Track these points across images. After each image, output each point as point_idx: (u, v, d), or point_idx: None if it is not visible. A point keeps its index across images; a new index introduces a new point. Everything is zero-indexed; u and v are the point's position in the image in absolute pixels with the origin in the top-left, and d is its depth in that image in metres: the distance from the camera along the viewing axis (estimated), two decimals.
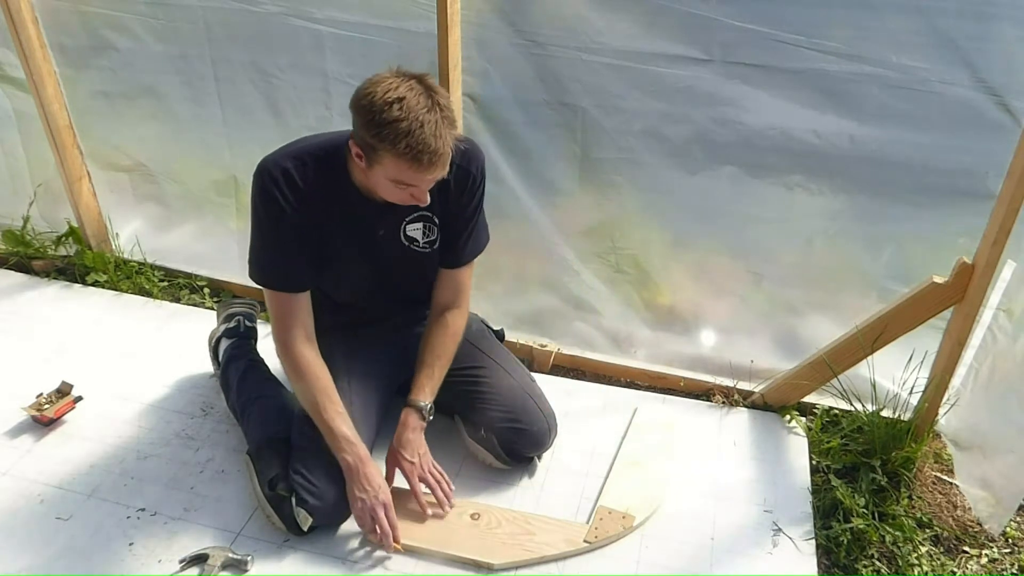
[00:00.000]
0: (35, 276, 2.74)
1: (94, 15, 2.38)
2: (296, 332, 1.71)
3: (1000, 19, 1.65)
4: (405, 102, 1.42)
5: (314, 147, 1.66)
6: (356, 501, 1.67)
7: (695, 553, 1.74)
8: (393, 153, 1.45)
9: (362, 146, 1.50)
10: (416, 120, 1.42)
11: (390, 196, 1.59)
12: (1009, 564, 1.79)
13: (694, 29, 1.85)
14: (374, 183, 1.58)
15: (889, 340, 1.93)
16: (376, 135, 1.45)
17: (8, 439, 2.00)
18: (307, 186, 1.62)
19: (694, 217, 2.11)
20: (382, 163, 1.49)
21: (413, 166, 1.46)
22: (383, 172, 1.51)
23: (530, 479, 1.92)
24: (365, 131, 1.47)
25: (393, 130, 1.42)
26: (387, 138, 1.43)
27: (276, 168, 1.61)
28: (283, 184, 1.61)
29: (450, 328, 1.85)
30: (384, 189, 1.57)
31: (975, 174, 1.81)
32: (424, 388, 1.81)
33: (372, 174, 1.54)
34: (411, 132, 1.42)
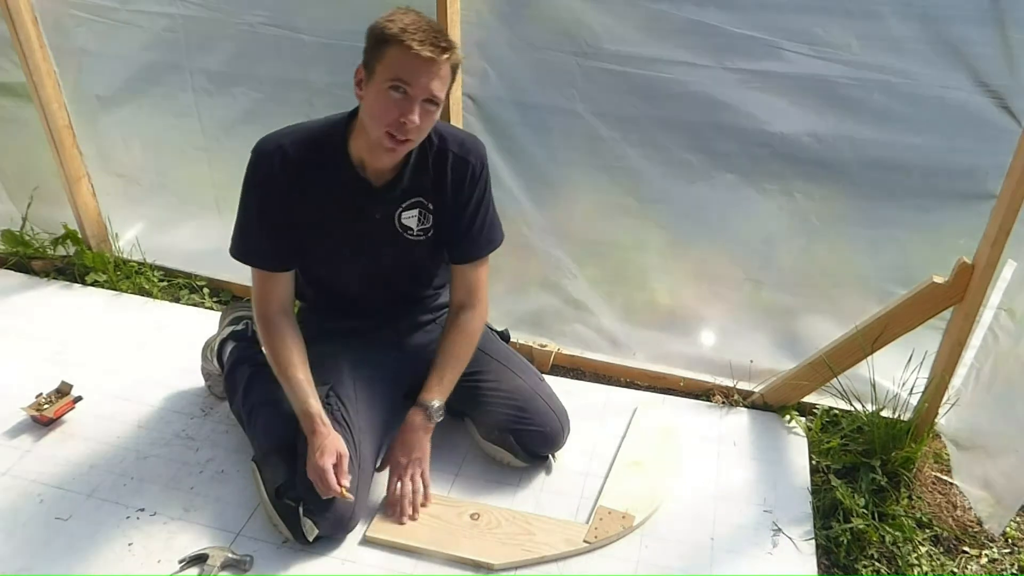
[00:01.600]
0: (35, 276, 2.74)
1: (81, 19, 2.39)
2: (274, 305, 1.76)
3: (1001, 22, 1.65)
4: (408, 13, 1.53)
5: (313, 128, 1.69)
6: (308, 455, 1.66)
7: (695, 553, 1.74)
8: (395, 40, 1.49)
9: (367, 60, 1.54)
10: (419, 19, 1.52)
11: (382, 115, 1.54)
12: (1009, 564, 1.79)
13: (693, 35, 1.85)
14: (370, 103, 1.56)
15: (889, 340, 1.93)
16: (382, 30, 1.50)
17: (8, 439, 2.00)
18: (303, 165, 1.64)
19: (693, 219, 2.11)
20: (383, 61, 1.51)
21: (411, 50, 1.48)
22: (383, 72, 1.51)
23: (530, 479, 1.92)
24: (372, 37, 1.53)
25: (398, 21, 1.50)
26: (391, 27, 1.49)
27: (271, 145, 1.65)
28: (277, 162, 1.64)
29: (464, 329, 1.84)
30: (379, 104, 1.54)
31: (975, 175, 1.81)
32: (433, 389, 1.81)
33: (371, 90, 1.54)
34: (415, 20, 1.51)
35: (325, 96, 2.24)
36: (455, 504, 1.82)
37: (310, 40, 2.17)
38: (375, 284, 1.87)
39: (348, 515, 1.70)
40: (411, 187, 1.72)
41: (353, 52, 2.12)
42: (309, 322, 1.87)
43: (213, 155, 2.50)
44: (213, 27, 2.26)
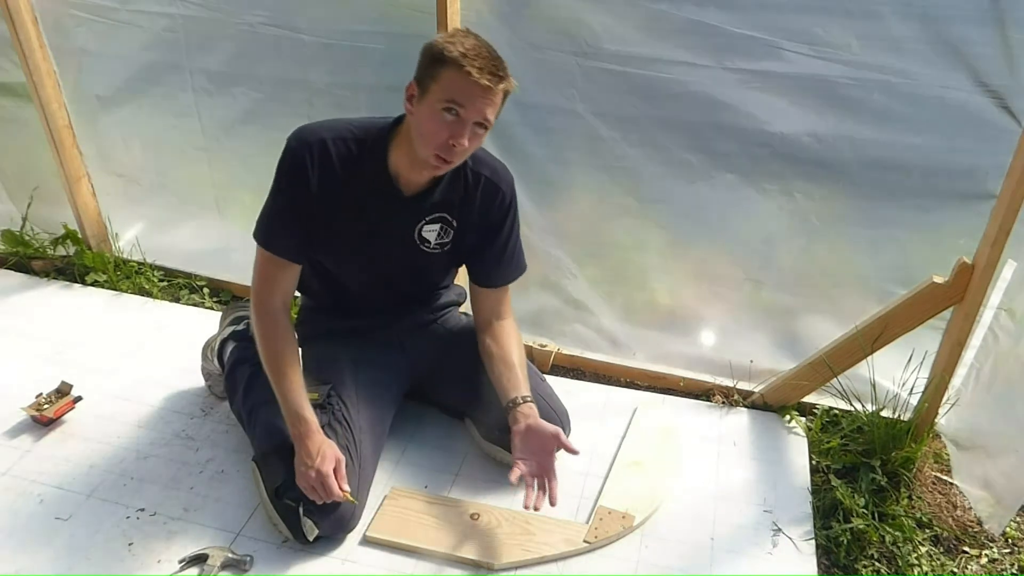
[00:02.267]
0: (35, 276, 2.74)
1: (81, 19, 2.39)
2: (276, 297, 1.73)
3: (1001, 22, 1.65)
4: (468, 34, 1.55)
5: (356, 128, 1.67)
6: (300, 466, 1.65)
7: (695, 553, 1.74)
8: (454, 63, 1.49)
9: (421, 77, 1.55)
10: (479, 44, 1.53)
11: (433, 135, 1.55)
12: (1009, 564, 1.79)
13: (693, 35, 1.85)
14: (420, 120, 1.56)
15: (889, 340, 1.93)
16: (441, 50, 1.50)
17: (8, 439, 2.00)
18: (339, 163, 1.64)
19: (693, 219, 2.11)
20: (439, 80, 1.51)
21: (470, 76, 1.49)
22: (438, 93, 1.52)
23: None
24: (429, 55, 1.53)
25: (457, 45, 1.50)
26: (451, 50, 1.50)
27: (313, 136, 1.64)
28: (316, 154, 1.63)
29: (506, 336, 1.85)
30: (430, 123, 1.55)
31: (975, 175, 1.81)
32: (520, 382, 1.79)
33: (423, 108, 1.54)
34: (475, 46, 1.52)
35: (325, 96, 2.24)
36: (455, 504, 1.82)
37: (310, 40, 2.17)
38: (380, 284, 1.88)
39: (349, 515, 1.70)
40: (440, 201, 1.73)
41: (353, 52, 2.15)
42: (310, 320, 1.87)
43: (213, 155, 2.50)
44: (213, 27, 2.26)
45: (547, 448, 1.73)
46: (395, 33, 2.08)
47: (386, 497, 1.82)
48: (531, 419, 1.73)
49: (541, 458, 1.73)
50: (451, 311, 2.05)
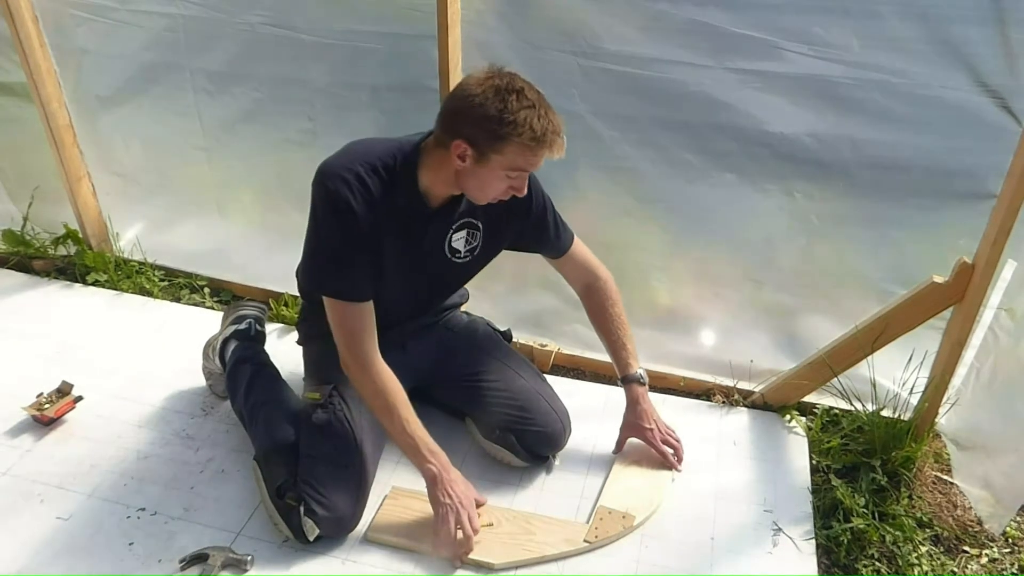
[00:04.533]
0: (35, 276, 2.74)
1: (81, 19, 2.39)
2: (371, 345, 1.66)
3: (1001, 22, 1.65)
4: (525, 92, 1.51)
5: (382, 154, 1.62)
6: (440, 507, 1.65)
7: (695, 553, 1.75)
8: (520, 139, 1.49)
9: (478, 140, 1.51)
10: (540, 106, 1.51)
11: (491, 190, 1.60)
12: (1009, 564, 1.79)
13: (693, 35, 1.85)
14: (480, 178, 1.57)
15: (889, 340, 1.93)
16: (504, 124, 1.48)
17: (8, 439, 2.01)
18: (379, 195, 1.59)
19: (693, 219, 2.11)
20: (503, 153, 1.51)
21: (537, 149, 1.52)
22: (501, 163, 1.53)
23: (530, 479, 1.92)
24: (491, 122, 1.49)
25: (524, 116, 1.48)
26: (516, 125, 1.48)
27: (349, 173, 1.58)
28: (357, 190, 1.57)
29: (607, 296, 1.93)
30: (491, 182, 1.57)
31: (975, 175, 1.81)
32: (629, 362, 1.92)
33: (481, 169, 1.54)
34: (540, 117, 1.50)
35: (325, 96, 2.24)
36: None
37: (310, 40, 2.17)
38: (407, 299, 1.84)
39: (349, 515, 1.71)
40: (465, 208, 1.73)
41: (353, 52, 2.15)
42: (315, 320, 1.87)
43: (213, 155, 2.50)
44: (213, 27, 2.26)
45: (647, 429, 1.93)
46: (395, 33, 2.08)
47: (386, 497, 1.82)
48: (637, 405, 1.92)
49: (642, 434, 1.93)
50: (453, 312, 2.05)
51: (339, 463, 1.72)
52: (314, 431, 1.75)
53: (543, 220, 1.84)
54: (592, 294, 1.95)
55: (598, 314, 1.94)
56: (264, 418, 1.89)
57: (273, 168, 2.44)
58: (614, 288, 1.95)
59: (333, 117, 2.27)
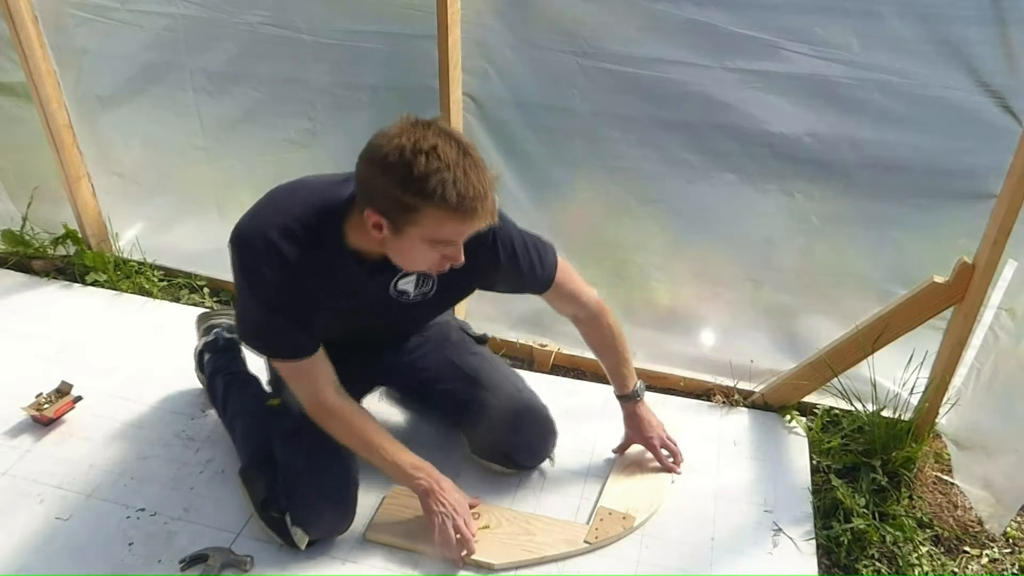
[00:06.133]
0: (35, 276, 2.74)
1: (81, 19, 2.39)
2: (329, 390, 1.59)
3: (1001, 22, 1.65)
4: (438, 150, 1.29)
5: (301, 213, 1.45)
6: (435, 516, 1.64)
7: (695, 553, 1.74)
8: (436, 208, 1.30)
9: (389, 210, 1.33)
10: (457, 166, 1.29)
11: (420, 262, 1.44)
12: (1010, 564, 1.79)
13: (693, 34, 1.85)
14: (402, 250, 1.42)
15: (889, 340, 1.93)
16: (414, 191, 1.29)
17: (8, 439, 2.00)
18: (296, 260, 1.44)
19: (693, 219, 2.11)
20: (420, 223, 1.33)
21: (459, 217, 1.32)
22: (419, 234, 1.35)
23: (530, 480, 1.92)
24: (398, 190, 1.30)
25: (435, 181, 1.28)
26: (429, 192, 1.28)
27: (259, 238, 1.43)
28: (270, 258, 1.43)
29: (599, 326, 1.81)
30: (415, 255, 1.41)
31: (975, 175, 1.81)
32: (623, 382, 1.88)
33: (400, 241, 1.38)
34: (456, 180, 1.29)
35: (325, 96, 2.24)
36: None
37: (310, 40, 2.17)
38: (361, 335, 1.76)
39: (338, 518, 1.71)
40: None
41: (353, 52, 2.15)
42: None
43: (213, 155, 2.50)
44: (213, 27, 2.26)
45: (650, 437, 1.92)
46: (395, 33, 2.08)
47: (386, 497, 1.82)
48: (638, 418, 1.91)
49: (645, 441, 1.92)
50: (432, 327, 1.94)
51: (317, 469, 1.68)
52: (287, 442, 1.71)
53: (514, 268, 1.65)
54: (581, 324, 1.84)
55: (592, 342, 1.87)
56: (240, 431, 1.88)
57: (273, 168, 2.44)
58: (607, 316, 1.82)
59: (333, 117, 2.27)
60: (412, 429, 2.06)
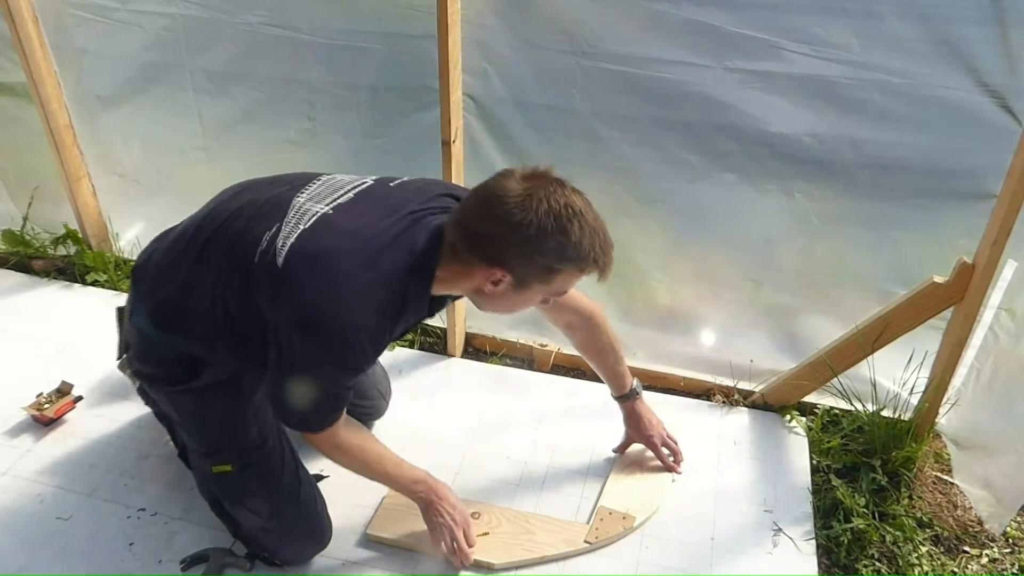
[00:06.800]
0: (35, 276, 2.74)
1: (81, 19, 2.39)
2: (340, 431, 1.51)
3: (1001, 22, 1.65)
4: (582, 214, 1.31)
5: (395, 282, 1.37)
6: (434, 527, 1.64)
7: (695, 553, 1.75)
8: (577, 270, 1.35)
9: (524, 271, 1.33)
10: (598, 232, 1.34)
11: (521, 309, 1.48)
12: (1010, 564, 1.79)
13: (693, 34, 1.85)
14: (511, 303, 1.43)
15: (889, 340, 1.93)
16: (564, 260, 1.32)
17: (8, 439, 2.00)
18: (393, 331, 1.42)
19: (693, 219, 2.10)
20: (551, 283, 1.37)
21: (595, 275, 1.38)
22: (544, 290, 1.39)
23: (531, 479, 1.93)
24: (546, 258, 1.31)
25: (586, 247, 1.31)
26: (579, 259, 1.32)
27: (364, 333, 1.35)
28: (371, 350, 1.39)
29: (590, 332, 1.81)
30: (523, 304, 1.44)
31: (975, 175, 1.81)
32: (620, 382, 1.88)
33: (517, 296, 1.39)
34: (600, 244, 1.33)
35: (325, 96, 2.24)
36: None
37: (310, 40, 2.17)
38: None
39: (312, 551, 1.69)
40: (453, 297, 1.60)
41: (353, 52, 2.14)
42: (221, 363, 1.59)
43: (213, 155, 2.50)
44: (213, 27, 2.25)
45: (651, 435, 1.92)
46: (395, 33, 2.08)
47: (385, 496, 1.82)
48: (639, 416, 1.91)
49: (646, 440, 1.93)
50: None
51: (279, 525, 1.64)
52: (239, 503, 1.64)
53: None
54: (576, 331, 1.84)
55: (586, 349, 1.88)
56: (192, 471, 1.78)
57: (273, 168, 2.40)
58: (600, 319, 1.81)
59: (333, 117, 2.27)
60: (413, 428, 2.06)
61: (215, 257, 1.47)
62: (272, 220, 1.40)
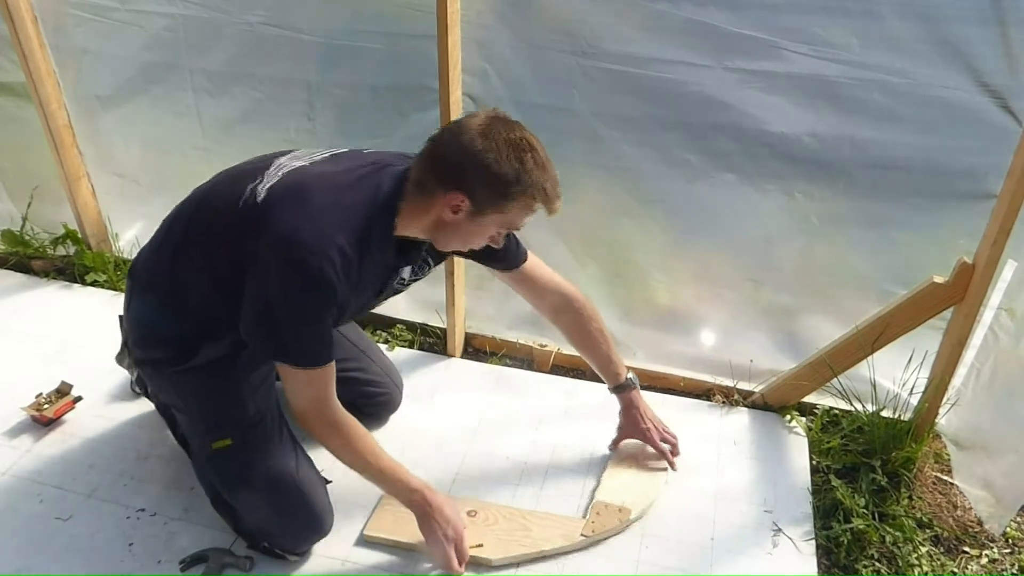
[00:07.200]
0: (34, 276, 2.74)
1: (81, 19, 2.39)
2: (335, 402, 1.56)
3: (1001, 22, 1.65)
4: (536, 149, 1.43)
5: (360, 217, 1.46)
6: (430, 537, 1.62)
7: (695, 553, 1.75)
8: (528, 201, 1.44)
9: (482, 196, 1.42)
10: (549, 169, 1.45)
11: (473, 243, 1.54)
12: (1009, 564, 1.79)
13: (693, 35, 1.85)
14: (468, 231, 1.49)
15: (889, 340, 1.93)
16: (519, 185, 1.41)
17: (8, 439, 2.00)
18: (357, 266, 1.45)
19: (693, 219, 2.10)
20: (505, 211, 1.44)
21: (545, 209, 1.47)
22: (498, 220, 1.46)
23: (531, 479, 1.93)
24: (502, 183, 1.40)
25: (535, 179, 1.42)
26: (527, 187, 1.42)
27: (334, 250, 1.41)
28: (339, 267, 1.42)
29: (580, 315, 1.85)
30: (478, 236, 1.51)
31: (976, 175, 1.81)
32: (616, 372, 1.90)
33: (473, 222, 1.46)
34: (550, 178, 1.45)
35: (325, 96, 2.24)
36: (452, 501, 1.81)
37: (310, 40, 2.17)
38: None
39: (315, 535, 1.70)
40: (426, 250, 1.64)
41: (353, 52, 2.14)
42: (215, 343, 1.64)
43: (213, 154, 2.50)
44: (213, 27, 2.25)
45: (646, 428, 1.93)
46: (395, 33, 2.08)
47: (383, 497, 1.82)
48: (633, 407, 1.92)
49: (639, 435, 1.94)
50: None
51: (277, 505, 1.64)
52: (238, 485, 1.65)
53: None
54: (564, 314, 1.86)
55: (576, 335, 1.89)
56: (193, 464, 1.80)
57: None
58: (587, 303, 1.86)
59: (333, 117, 2.27)
60: (413, 428, 2.06)
61: (203, 223, 1.59)
62: (256, 175, 1.53)
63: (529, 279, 1.82)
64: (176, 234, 1.62)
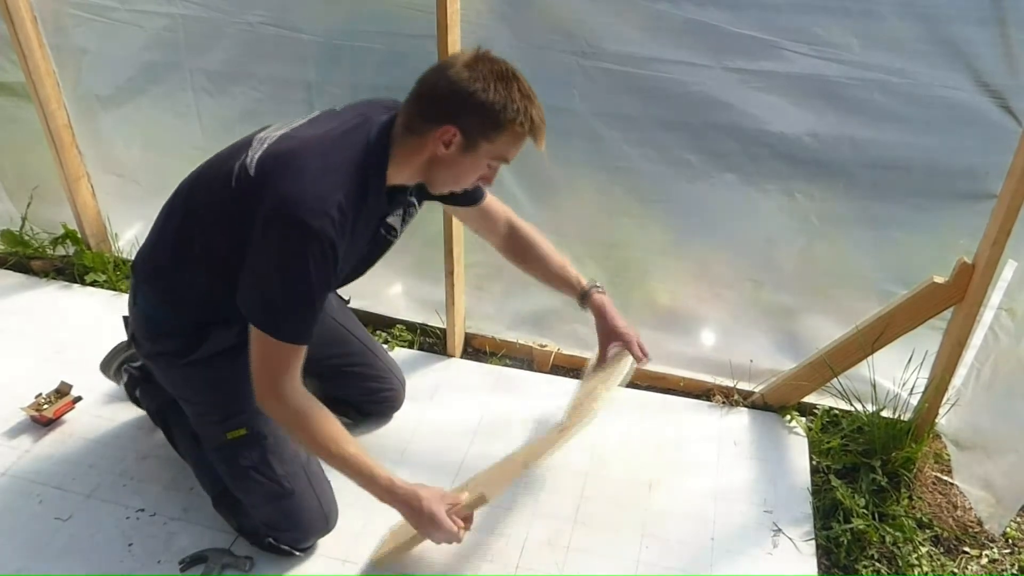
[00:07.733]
0: (34, 276, 2.74)
1: (81, 19, 2.39)
2: (297, 381, 1.49)
3: (1001, 22, 1.65)
4: (520, 80, 1.43)
5: (353, 170, 1.45)
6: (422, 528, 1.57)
7: (695, 553, 1.75)
8: (518, 130, 1.43)
9: (473, 127, 1.42)
10: (534, 101, 1.45)
11: (465, 180, 1.53)
12: (1009, 565, 1.79)
13: (693, 35, 1.85)
14: (460, 166, 1.48)
15: (889, 340, 1.93)
16: (507, 112, 1.41)
17: (7, 439, 2.00)
18: (353, 221, 1.44)
19: (693, 219, 2.11)
20: (495, 142, 1.44)
21: (532, 141, 1.48)
22: (489, 152, 1.46)
23: (530, 479, 1.92)
24: (491, 112, 1.40)
25: (523, 106, 1.42)
26: (515, 115, 1.41)
27: (334, 208, 1.38)
28: (338, 223, 1.39)
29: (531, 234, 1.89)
30: (471, 172, 1.50)
31: (976, 175, 1.81)
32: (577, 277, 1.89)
33: (466, 157, 1.45)
34: (535, 107, 1.45)
35: (325, 96, 2.24)
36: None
37: (310, 40, 2.17)
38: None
39: (320, 528, 1.70)
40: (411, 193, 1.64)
41: (353, 52, 2.14)
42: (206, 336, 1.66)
43: (212, 154, 2.49)
44: (213, 27, 2.25)
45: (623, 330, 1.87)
46: (395, 33, 2.08)
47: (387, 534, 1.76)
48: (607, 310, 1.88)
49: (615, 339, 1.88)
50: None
51: (282, 496, 1.64)
52: (242, 474, 1.64)
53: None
54: (516, 232, 1.88)
55: (530, 249, 1.88)
56: (195, 462, 1.80)
57: None
58: (537, 230, 1.90)
59: None
60: (412, 429, 2.06)
61: (198, 212, 1.58)
62: (241, 153, 1.52)
63: (488, 212, 1.85)
64: (171, 227, 1.63)
